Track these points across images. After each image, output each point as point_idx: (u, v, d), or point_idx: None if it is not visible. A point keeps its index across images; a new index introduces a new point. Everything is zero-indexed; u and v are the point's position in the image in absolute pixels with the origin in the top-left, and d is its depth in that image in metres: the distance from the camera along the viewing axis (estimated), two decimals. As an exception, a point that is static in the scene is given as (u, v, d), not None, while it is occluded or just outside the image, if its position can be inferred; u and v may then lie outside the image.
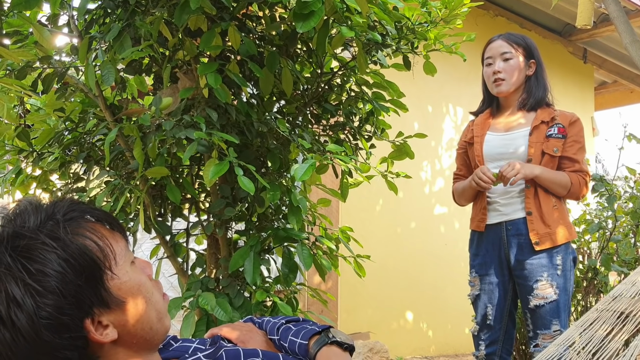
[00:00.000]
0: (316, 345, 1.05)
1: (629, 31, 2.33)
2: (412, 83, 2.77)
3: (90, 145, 2.10)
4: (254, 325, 1.20)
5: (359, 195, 3.54)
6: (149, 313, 0.88)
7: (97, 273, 0.83)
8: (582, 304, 3.42)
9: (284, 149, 2.07)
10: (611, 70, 6.34)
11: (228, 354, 0.94)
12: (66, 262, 0.80)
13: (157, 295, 0.92)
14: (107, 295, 0.83)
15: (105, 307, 0.83)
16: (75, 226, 0.84)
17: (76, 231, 0.83)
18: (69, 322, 0.79)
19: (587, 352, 1.13)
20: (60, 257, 0.80)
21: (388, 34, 2.03)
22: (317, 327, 1.10)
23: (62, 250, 0.80)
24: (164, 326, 0.92)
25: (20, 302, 0.77)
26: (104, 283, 0.83)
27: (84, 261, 0.81)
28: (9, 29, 1.88)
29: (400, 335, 4.31)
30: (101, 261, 0.83)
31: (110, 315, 0.84)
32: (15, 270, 0.78)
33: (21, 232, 0.81)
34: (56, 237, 0.81)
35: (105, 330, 0.83)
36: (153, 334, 0.89)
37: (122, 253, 0.88)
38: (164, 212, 2.13)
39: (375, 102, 2.24)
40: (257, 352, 0.99)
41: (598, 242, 3.49)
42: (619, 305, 1.21)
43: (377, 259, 3.13)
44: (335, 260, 2.20)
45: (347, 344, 1.06)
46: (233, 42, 1.78)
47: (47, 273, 0.79)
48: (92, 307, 0.82)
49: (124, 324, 0.85)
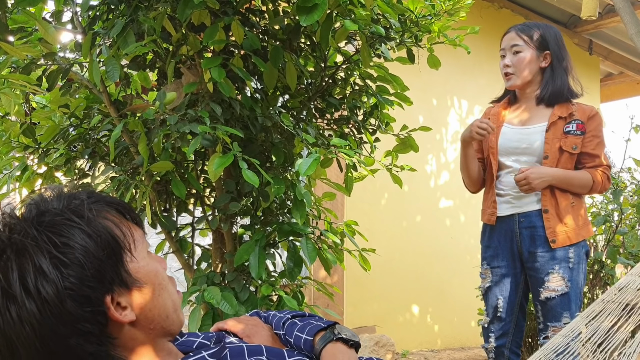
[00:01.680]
0: (321, 342, 1.05)
1: (635, 22, 2.32)
2: (417, 76, 2.77)
3: (95, 141, 2.11)
4: (260, 320, 1.19)
5: (364, 189, 3.54)
6: (165, 301, 0.90)
7: (118, 252, 0.85)
8: (588, 296, 3.41)
9: (288, 143, 2.07)
10: (617, 61, 6.30)
11: (232, 351, 0.94)
12: (89, 237, 0.83)
13: (172, 287, 0.94)
14: (127, 275, 0.86)
15: (125, 287, 0.85)
16: (98, 209, 0.87)
17: (99, 213, 0.86)
18: (90, 295, 0.81)
19: (593, 343, 1.14)
20: (84, 232, 0.83)
21: (392, 27, 2.02)
22: (322, 323, 1.09)
23: (87, 226, 0.83)
24: (179, 318, 0.94)
25: (46, 272, 0.79)
26: (124, 264, 0.86)
27: (106, 239, 0.84)
28: (13, 25, 1.88)
29: (406, 328, 4.32)
30: (122, 242, 0.86)
31: (129, 297, 0.86)
32: (41, 242, 0.81)
33: (46, 209, 0.84)
34: (80, 214, 0.84)
35: (124, 311, 0.85)
36: (170, 323, 0.91)
37: (140, 239, 0.91)
38: (170, 207, 2.13)
39: (379, 95, 2.24)
40: (260, 349, 0.98)
41: (604, 235, 3.48)
42: (624, 296, 1.21)
43: (383, 253, 3.13)
44: (340, 255, 2.20)
45: (352, 340, 1.06)
46: (236, 36, 1.77)
47: (72, 246, 0.81)
48: (113, 284, 0.84)
49: (142, 307, 0.87)
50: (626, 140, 3.35)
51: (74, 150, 2.14)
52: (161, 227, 2.06)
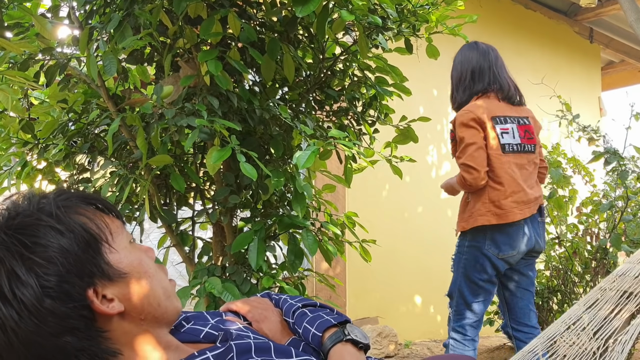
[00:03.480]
0: (330, 341, 1.02)
1: (634, 9, 2.31)
2: (417, 67, 2.76)
3: (94, 136, 2.11)
4: (271, 302, 1.17)
5: (365, 180, 3.54)
6: (154, 289, 0.89)
7: (95, 245, 0.84)
8: (590, 285, 3.41)
9: (286, 135, 2.07)
10: (618, 49, 6.28)
11: (239, 348, 0.91)
12: (61, 234, 0.82)
13: (162, 274, 0.93)
14: (108, 267, 0.85)
15: (107, 279, 0.84)
16: (69, 205, 0.86)
17: (70, 209, 0.85)
18: (70, 290, 0.80)
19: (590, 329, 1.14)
20: (55, 229, 0.82)
21: (389, 17, 2.01)
22: (332, 319, 1.06)
23: (57, 223, 0.82)
24: (173, 305, 0.92)
25: (20, 275, 0.78)
26: (103, 255, 0.85)
27: (80, 233, 0.83)
28: (10, 21, 1.88)
29: (408, 319, 4.33)
30: (97, 235, 0.85)
31: (114, 288, 0.85)
32: (11, 246, 0.80)
33: (16, 212, 0.83)
34: (49, 212, 0.83)
35: (110, 303, 0.84)
36: (162, 311, 0.90)
37: (118, 230, 0.89)
38: (170, 201, 2.14)
39: (378, 86, 2.23)
40: (269, 347, 0.95)
41: (606, 223, 3.47)
42: (623, 284, 1.21)
43: (385, 244, 3.13)
44: (341, 246, 2.21)
45: (362, 343, 1.03)
46: (233, 29, 1.77)
47: (44, 244, 0.80)
48: (94, 278, 0.83)
49: (129, 297, 0.86)
50: (626, 128, 3.34)
51: (73, 145, 2.14)
52: (161, 221, 2.06)
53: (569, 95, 4.41)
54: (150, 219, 2.02)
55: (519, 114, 2.59)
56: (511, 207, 2.43)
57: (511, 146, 2.49)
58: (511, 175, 2.45)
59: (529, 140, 2.54)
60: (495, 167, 2.44)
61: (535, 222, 2.53)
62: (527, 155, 2.53)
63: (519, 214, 2.44)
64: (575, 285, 3.50)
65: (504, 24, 5.18)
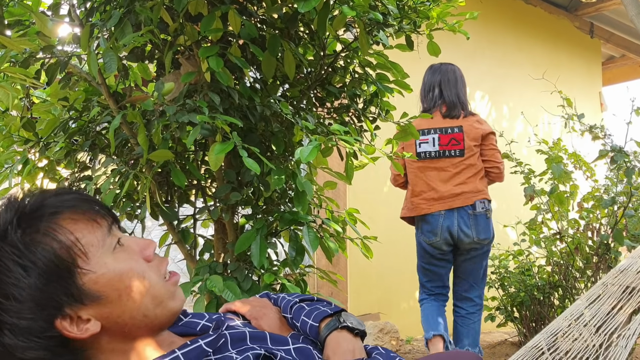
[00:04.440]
0: (326, 329, 1.03)
1: (635, 3, 2.30)
2: (417, 63, 2.76)
3: (95, 133, 2.11)
4: (269, 301, 1.18)
5: (365, 177, 3.54)
6: (139, 301, 0.85)
7: (64, 273, 0.81)
8: (592, 280, 3.41)
9: (287, 132, 2.06)
10: (619, 44, 6.27)
11: (233, 336, 0.92)
12: (25, 268, 0.79)
13: (155, 278, 0.88)
14: (80, 292, 0.81)
15: (80, 303, 0.81)
16: (38, 226, 0.82)
17: (39, 231, 0.81)
18: (32, 326, 0.79)
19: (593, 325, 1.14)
20: (19, 264, 0.79)
21: (390, 14, 2.01)
22: (329, 309, 1.08)
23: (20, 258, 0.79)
24: (166, 309, 0.89)
25: None
26: (75, 281, 0.81)
27: (46, 265, 0.80)
28: (10, 18, 1.88)
29: (410, 315, 4.33)
30: (67, 261, 0.81)
31: (90, 310, 0.82)
32: None
33: None
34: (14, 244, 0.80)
35: (85, 325, 0.82)
36: (150, 320, 0.87)
37: (99, 244, 0.85)
38: (171, 199, 2.14)
39: (379, 83, 2.23)
40: (264, 336, 0.96)
41: (607, 218, 3.47)
42: (625, 279, 1.21)
43: (386, 240, 3.13)
44: (342, 243, 2.21)
45: (358, 329, 1.04)
46: (234, 25, 1.77)
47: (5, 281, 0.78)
48: (62, 307, 0.80)
49: (108, 315, 0.83)
50: (627, 123, 3.34)
51: (74, 143, 2.14)
52: (163, 219, 2.06)
53: (570, 91, 4.40)
54: (151, 216, 2.02)
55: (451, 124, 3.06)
56: (418, 203, 3.07)
57: (428, 153, 3.05)
58: (421, 177, 3.06)
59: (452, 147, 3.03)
60: (408, 172, 3.14)
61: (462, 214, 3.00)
62: (449, 160, 3.04)
63: (425, 208, 3.05)
64: (577, 280, 3.50)
65: (505, 19, 5.17)
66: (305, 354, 0.96)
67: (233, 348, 0.90)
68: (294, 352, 0.95)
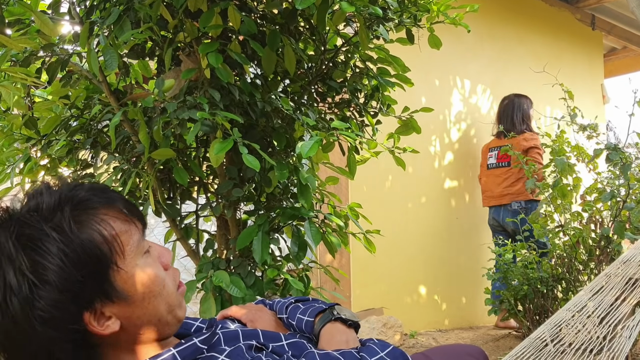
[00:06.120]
0: (321, 322, 1.06)
1: (636, -6, 2.29)
2: (418, 57, 2.75)
3: (96, 131, 2.11)
4: (265, 306, 1.21)
5: (368, 172, 3.53)
6: (157, 306, 0.87)
7: (101, 267, 0.82)
8: (595, 272, 3.41)
9: (289, 128, 2.06)
10: (620, 36, 6.24)
11: (226, 335, 0.94)
12: (67, 256, 0.79)
13: (171, 286, 0.90)
14: (111, 288, 0.82)
15: (108, 300, 0.82)
16: (84, 217, 0.82)
17: (85, 222, 0.82)
18: (63, 316, 0.79)
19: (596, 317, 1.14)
20: (61, 251, 0.79)
21: (390, 8, 2.01)
22: (324, 305, 1.11)
23: (65, 244, 0.79)
24: (175, 318, 0.91)
25: (15, 290, 0.77)
26: (109, 277, 0.82)
27: (87, 256, 0.80)
28: (10, 17, 1.88)
29: (413, 309, 4.33)
30: (106, 256, 0.82)
31: (114, 308, 0.83)
32: (15, 260, 0.78)
33: (29, 221, 0.80)
34: (61, 229, 0.80)
35: (107, 322, 0.83)
36: (162, 326, 0.89)
37: (134, 245, 0.86)
38: (173, 196, 2.14)
39: (380, 77, 2.23)
40: (257, 333, 0.98)
41: (610, 211, 3.46)
42: (628, 270, 1.21)
43: (389, 235, 3.13)
44: (345, 238, 2.21)
45: (351, 320, 1.07)
46: (233, 21, 1.76)
47: (46, 266, 0.78)
48: (93, 301, 0.81)
49: (129, 316, 0.84)
50: (630, 115, 3.33)
51: (76, 141, 2.14)
52: (165, 215, 2.07)
53: (572, 83, 4.39)
54: (154, 213, 2.03)
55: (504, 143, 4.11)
56: (484, 199, 4.48)
57: (491, 164, 4.40)
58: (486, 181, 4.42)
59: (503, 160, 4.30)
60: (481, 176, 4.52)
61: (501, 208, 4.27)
62: (500, 170, 4.32)
63: (485, 202, 4.45)
64: (580, 273, 3.50)
65: (505, 11, 5.15)
66: (298, 347, 0.98)
67: (226, 345, 0.92)
68: (287, 346, 0.98)
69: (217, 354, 0.87)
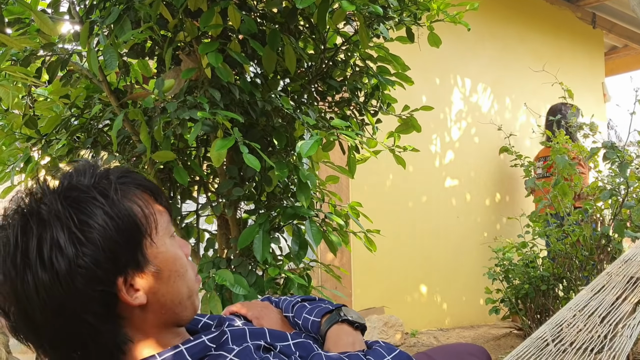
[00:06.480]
0: (327, 323, 1.06)
1: (637, -8, 2.28)
2: (418, 55, 2.74)
3: (97, 130, 2.11)
4: (271, 304, 1.21)
5: (368, 171, 3.53)
6: (180, 287, 0.90)
7: (137, 236, 0.86)
8: (595, 271, 3.41)
9: (289, 127, 2.06)
10: (621, 34, 6.23)
11: (234, 334, 0.94)
12: (110, 219, 0.83)
13: (191, 273, 0.94)
14: (143, 259, 0.86)
15: (140, 270, 0.86)
16: (125, 190, 0.88)
17: (126, 194, 0.87)
18: (102, 276, 0.82)
19: (597, 316, 1.14)
20: (106, 213, 0.84)
21: (390, 6, 2.00)
22: (330, 306, 1.10)
23: (109, 207, 0.84)
24: (193, 304, 0.94)
25: (62, 247, 0.81)
26: (142, 248, 0.86)
27: (127, 222, 0.85)
28: (10, 16, 1.88)
29: (414, 308, 4.33)
30: (143, 226, 0.87)
31: (143, 280, 0.86)
32: (63, 217, 0.82)
33: (76, 185, 0.86)
34: (106, 195, 0.85)
35: (135, 294, 0.86)
36: (182, 309, 0.91)
37: (164, 225, 0.91)
38: (174, 195, 2.14)
39: (380, 76, 2.22)
40: (263, 332, 0.99)
41: (610, 209, 3.46)
42: (629, 269, 1.20)
43: (390, 234, 3.12)
44: (345, 237, 2.21)
45: (358, 322, 1.07)
46: (233, 21, 1.76)
47: (92, 225, 0.82)
48: (127, 267, 0.85)
49: (155, 291, 0.87)
50: (631, 113, 3.32)
51: (76, 140, 2.14)
52: (166, 215, 2.06)
53: (572, 82, 4.38)
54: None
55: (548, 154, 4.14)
56: None
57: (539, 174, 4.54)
58: None
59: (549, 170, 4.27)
60: None
61: None
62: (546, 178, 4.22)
63: None
64: (581, 271, 3.49)
65: (506, 10, 5.14)
66: (305, 347, 0.98)
67: (234, 344, 0.92)
68: (294, 346, 0.98)
69: (226, 352, 0.88)
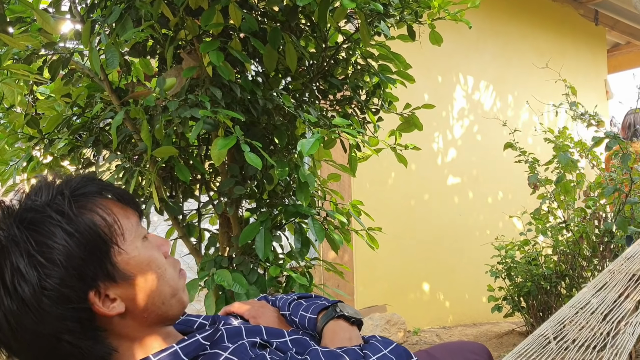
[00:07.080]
0: (323, 320, 1.06)
1: (639, -11, 2.28)
2: (420, 54, 2.74)
3: (98, 129, 2.11)
4: (267, 303, 1.21)
5: (370, 169, 3.53)
6: (160, 288, 0.89)
7: (103, 247, 0.84)
8: (598, 268, 3.40)
9: (290, 125, 2.06)
10: (624, 31, 6.21)
11: (229, 332, 0.94)
12: (70, 235, 0.82)
13: (172, 271, 0.93)
14: (114, 269, 0.85)
15: (112, 280, 0.84)
16: (83, 202, 0.86)
17: (84, 206, 0.85)
18: (70, 294, 0.81)
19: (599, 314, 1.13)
20: (64, 230, 0.82)
21: (391, 4, 2.00)
22: (327, 302, 1.11)
23: (67, 224, 0.82)
24: (179, 302, 0.93)
25: (23, 272, 0.79)
26: (110, 257, 0.85)
27: (89, 235, 0.83)
28: (11, 15, 1.88)
29: (417, 306, 4.33)
30: (107, 236, 0.85)
31: (118, 289, 0.85)
32: (20, 242, 0.81)
33: (31, 206, 0.84)
34: (62, 211, 0.83)
35: (112, 304, 0.84)
36: (167, 308, 0.90)
37: (132, 229, 0.89)
38: (175, 193, 2.14)
39: (381, 74, 2.22)
40: (260, 329, 0.99)
41: (614, 206, 3.45)
42: (631, 266, 1.20)
43: (392, 232, 3.12)
44: (347, 235, 2.20)
45: (354, 318, 1.07)
46: (234, 19, 1.76)
47: (51, 246, 0.81)
48: (96, 280, 0.83)
49: (133, 297, 0.86)
50: (634, 110, 3.31)
51: (78, 139, 2.14)
52: (168, 213, 2.07)
53: (575, 79, 4.37)
54: (156, 211, 2.03)
55: None
56: None
57: None
58: None
59: None
60: None
61: None
62: None
63: None
64: (584, 269, 3.49)
65: (508, 7, 5.13)
66: (301, 344, 0.98)
67: (229, 342, 0.92)
68: (290, 342, 0.98)
69: (221, 350, 0.87)
